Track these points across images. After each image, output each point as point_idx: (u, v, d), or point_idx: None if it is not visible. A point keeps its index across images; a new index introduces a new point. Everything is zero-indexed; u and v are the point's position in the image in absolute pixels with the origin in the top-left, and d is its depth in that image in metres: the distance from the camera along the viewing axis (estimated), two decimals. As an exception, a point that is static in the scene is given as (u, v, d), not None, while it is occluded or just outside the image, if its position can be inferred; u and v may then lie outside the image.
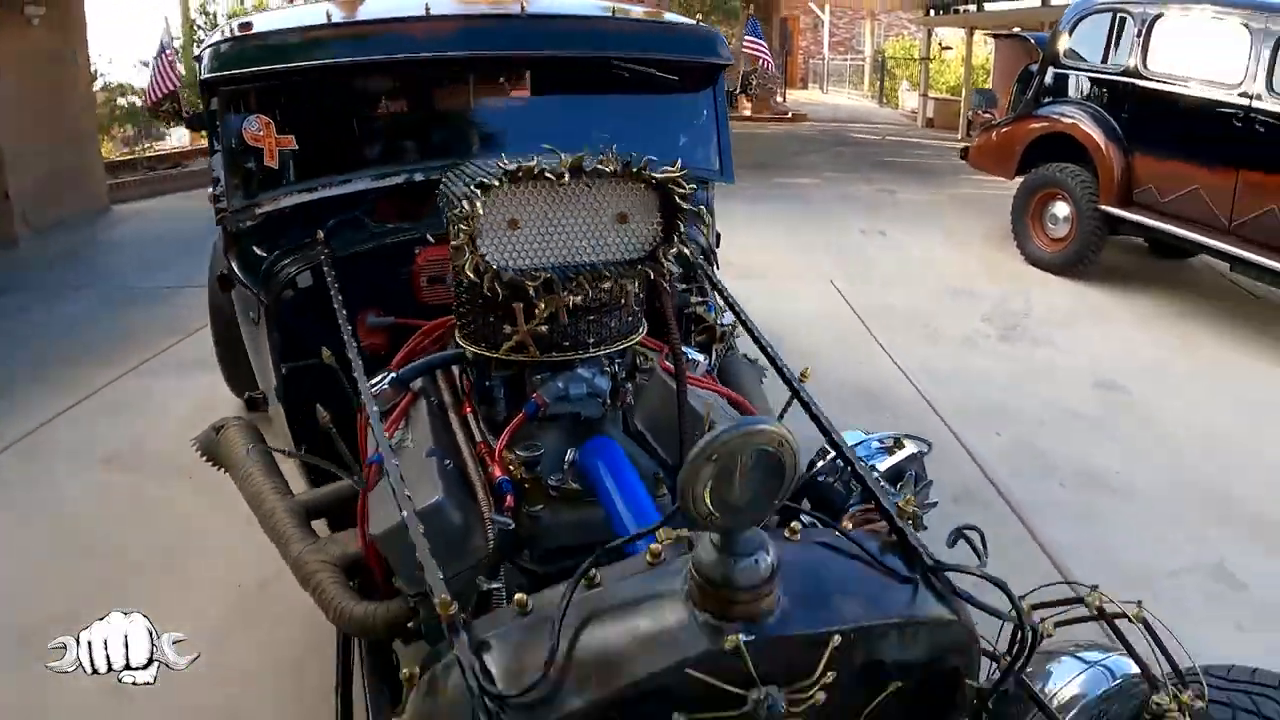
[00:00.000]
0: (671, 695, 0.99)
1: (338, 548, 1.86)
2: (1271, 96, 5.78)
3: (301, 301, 2.45)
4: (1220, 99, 6.06)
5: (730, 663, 0.98)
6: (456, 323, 1.90)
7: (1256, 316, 6.40)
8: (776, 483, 0.98)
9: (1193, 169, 6.32)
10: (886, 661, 1.13)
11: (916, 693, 1.21)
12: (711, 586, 1.01)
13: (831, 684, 1.05)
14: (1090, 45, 7.24)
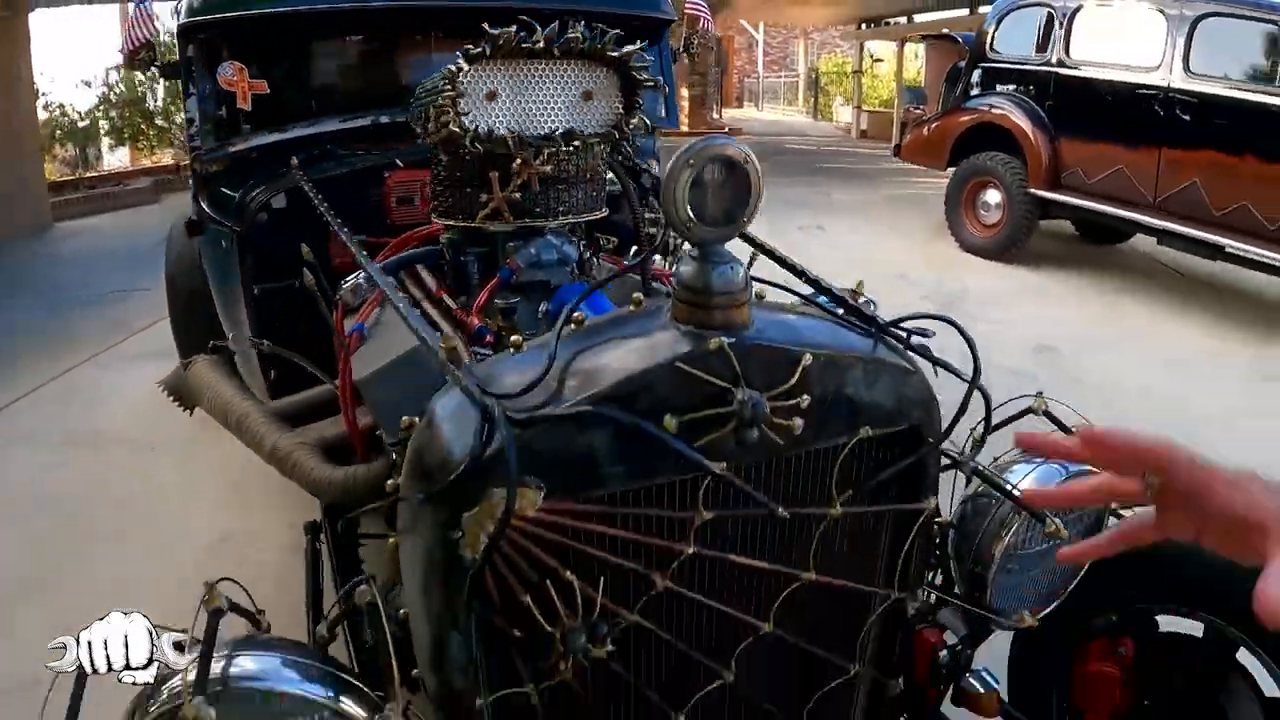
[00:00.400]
0: (661, 396, 1.07)
1: (315, 433, 1.93)
2: (1188, 77, 6.10)
3: (276, 223, 2.52)
4: (1140, 82, 6.37)
5: (715, 367, 1.08)
6: (432, 205, 1.99)
7: (1183, 291, 6.70)
8: (744, 196, 1.09)
9: (1116, 150, 6.63)
10: (854, 398, 1.23)
11: (886, 448, 1.31)
12: (691, 294, 1.10)
13: (808, 414, 1.14)
14: (1015, 40, 7.56)
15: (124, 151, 10.95)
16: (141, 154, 10.85)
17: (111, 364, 5.12)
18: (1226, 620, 1.65)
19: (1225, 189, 5.93)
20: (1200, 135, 6.07)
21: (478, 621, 1.06)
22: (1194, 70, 6.08)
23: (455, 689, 1.09)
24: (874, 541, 1.41)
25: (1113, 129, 6.69)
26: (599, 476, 1.08)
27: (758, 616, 1.26)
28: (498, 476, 0.99)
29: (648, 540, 1.11)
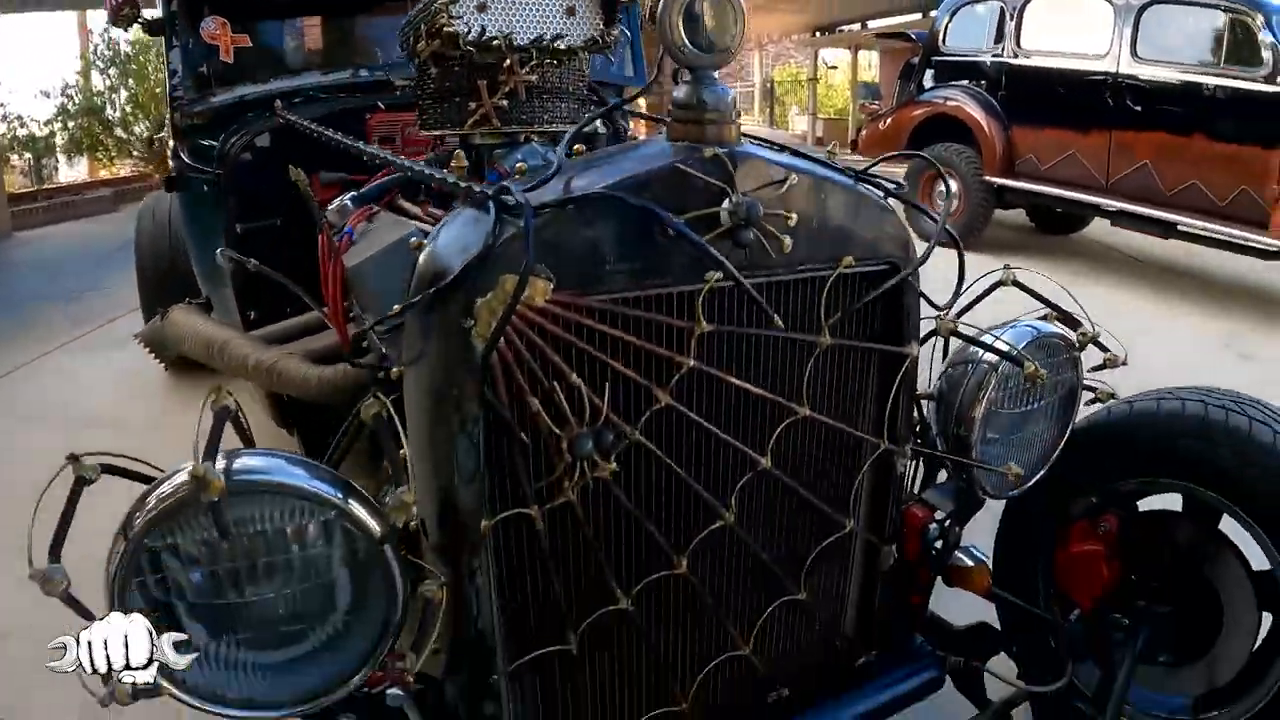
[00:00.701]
0: (661, 197, 1.12)
1: (300, 348, 1.94)
2: (1135, 63, 6.29)
3: (259, 162, 2.55)
4: (1089, 69, 6.55)
5: (711, 172, 1.15)
6: (419, 121, 2.02)
7: (1138, 272, 6.87)
8: (733, 25, 1.14)
9: (1069, 135, 6.79)
10: (838, 224, 1.30)
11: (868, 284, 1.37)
12: (686, 111, 1.17)
13: (797, 231, 1.21)
14: (966, 34, 7.74)
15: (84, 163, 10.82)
16: (100, 165, 10.73)
17: (79, 353, 5.11)
18: (1205, 486, 1.70)
19: (1175, 169, 6.11)
20: (1149, 118, 6.25)
21: (485, 429, 1.08)
22: (1141, 56, 6.28)
23: (461, 508, 1.11)
24: (862, 387, 1.45)
25: (1064, 116, 6.86)
26: (603, 275, 1.12)
27: (755, 453, 1.30)
28: (510, 263, 1.03)
29: (650, 347, 1.14)
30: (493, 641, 1.21)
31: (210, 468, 0.86)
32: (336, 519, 0.99)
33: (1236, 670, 1.79)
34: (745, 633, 1.44)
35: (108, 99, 10.28)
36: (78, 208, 9.30)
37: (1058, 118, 6.93)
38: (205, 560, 0.97)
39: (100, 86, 10.30)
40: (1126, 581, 1.79)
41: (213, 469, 0.86)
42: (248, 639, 1.03)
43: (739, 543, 1.37)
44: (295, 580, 1.00)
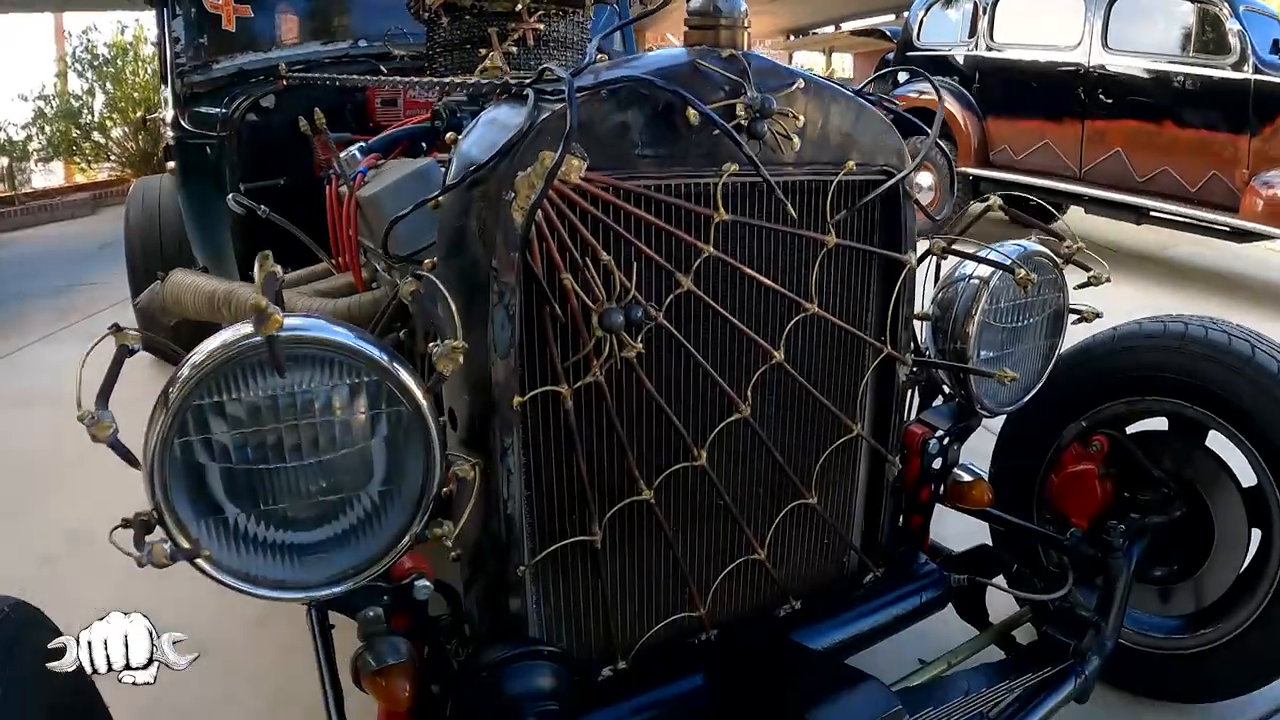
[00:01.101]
0: (683, 88, 1.17)
1: (309, 289, 1.98)
2: (1107, 53, 6.42)
3: (264, 124, 2.60)
4: (1061, 61, 6.68)
5: (728, 69, 1.21)
6: (428, 71, 2.08)
7: (1112, 260, 6.97)
8: None
9: (1042, 125, 6.91)
10: (840, 129, 1.37)
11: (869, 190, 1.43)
12: (701, 18, 1.24)
13: (804, 132, 1.28)
14: (940, 29, 7.88)
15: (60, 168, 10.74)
16: (76, 169, 10.66)
17: (66, 340, 5.09)
18: (1191, 401, 1.77)
19: (1147, 156, 6.23)
20: (1120, 107, 6.37)
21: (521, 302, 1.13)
22: (1112, 46, 6.41)
23: (495, 383, 1.15)
24: (863, 295, 1.52)
25: (1037, 106, 6.98)
26: (631, 160, 1.17)
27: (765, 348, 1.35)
28: (548, 142, 1.08)
29: (674, 231, 1.20)
30: (519, 530, 1.24)
31: (270, 302, 0.89)
32: (381, 381, 1.01)
33: (1226, 587, 1.86)
34: (760, 537, 1.49)
35: (85, 103, 10.21)
36: (56, 211, 9.22)
37: (1031, 109, 7.05)
38: (249, 420, 0.98)
39: (78, 90, 10.22)
40: (1120, 499, 1.86)
41: (272, 304, 0.89)
42: (284, 511, 1.04)
43: (754, 443, 1.43)
44: (336, 447, 1.02)
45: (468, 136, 1.20)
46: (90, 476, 3.20)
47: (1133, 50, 6.31)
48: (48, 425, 3.78)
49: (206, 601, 2.43)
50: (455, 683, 1.27)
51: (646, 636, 1.42)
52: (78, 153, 10.35)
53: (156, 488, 0.96)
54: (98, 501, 2.85)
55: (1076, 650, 1.60)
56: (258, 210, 2.22)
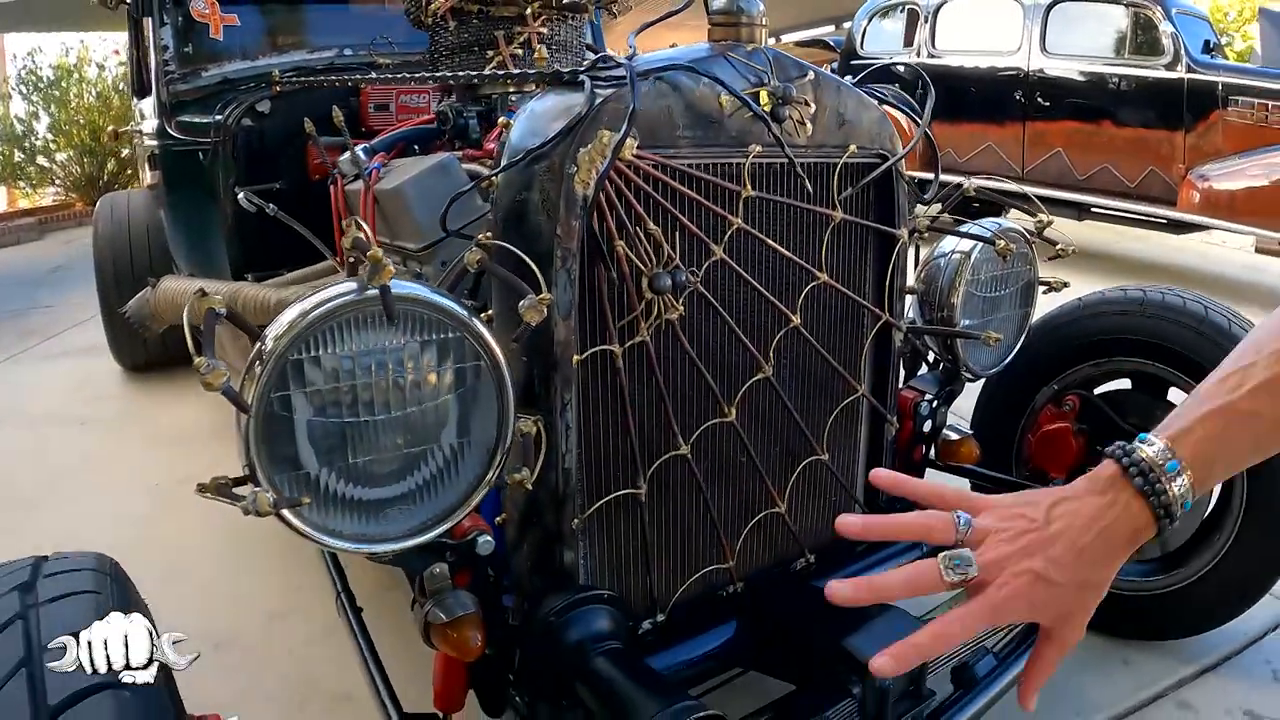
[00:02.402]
0: None
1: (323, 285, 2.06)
2: (1045, 57, 6.71)
3: (259, 129, 2.68)
4: (1002, 66, 6.96)
5: (752, 62, 1.36)
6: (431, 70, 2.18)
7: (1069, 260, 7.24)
8: None
9: (984, 128, 7.18)
10: (844, 116, 1.52)
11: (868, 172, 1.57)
12: (724, 17, 1.38)
13: (816, 119, 1.44)
14: (882, 38, 8.13)
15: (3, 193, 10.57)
16: (20, 195, 10.49)
17: (30, 362, 5.05)
18: (1152, 359, 1.94)
19: (1086, 155, 6.53)
20: (1060, 108, 6.67)
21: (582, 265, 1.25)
22: (1050, 50, 6.70)
23: (557, 342, 1.26)
24: (862, 269, 1.67)
25: (979, 110, 7.24)
26: (674, 139, 1.30)
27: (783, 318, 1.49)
28: (605, 123, 1.21)
29: (708, 204, 1.33)
30: (575, 484, 1.34)
31: (384, 254, 0.99)
32: (463, 337, 1.10)
33: (1189, 534, 2.03)
34: (779, 491, 1.61)
35: (28, 126, 10.07)
36: (2, 237, 9.10)
37: (973, 113, 7.31)
38: (343, 375, 1.05)
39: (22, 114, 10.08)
40: (1093, 452, 2.02)
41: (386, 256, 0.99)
42: (367, 467, 1.10)
43: (772, 404, 1.56)
44: (420, 400, 1.10)
45: (518, 121, 1.31)
46: (61, 498, 3.24)
47: (1070, 54, 6.60)
48: (15, 445, 3.79)
49: (220, 599, 2.52)
50: (516, 635, 1.36)
51: (683, 589, 1.53)
52: (22, 177, 10.20)
53: (253, 442, 1.00)
54: (67, 528, 2.90)
55: None
56: (267, 209, 2.29)
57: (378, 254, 0.97)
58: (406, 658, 1.64)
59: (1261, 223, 5.70)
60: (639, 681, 1.22)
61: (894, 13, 8.05)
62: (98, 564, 1.20)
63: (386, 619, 1.90)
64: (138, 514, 3.05)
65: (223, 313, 1.10)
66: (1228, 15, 11.28)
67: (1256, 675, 2.13)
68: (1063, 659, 0.79)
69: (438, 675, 1.42)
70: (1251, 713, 1.99)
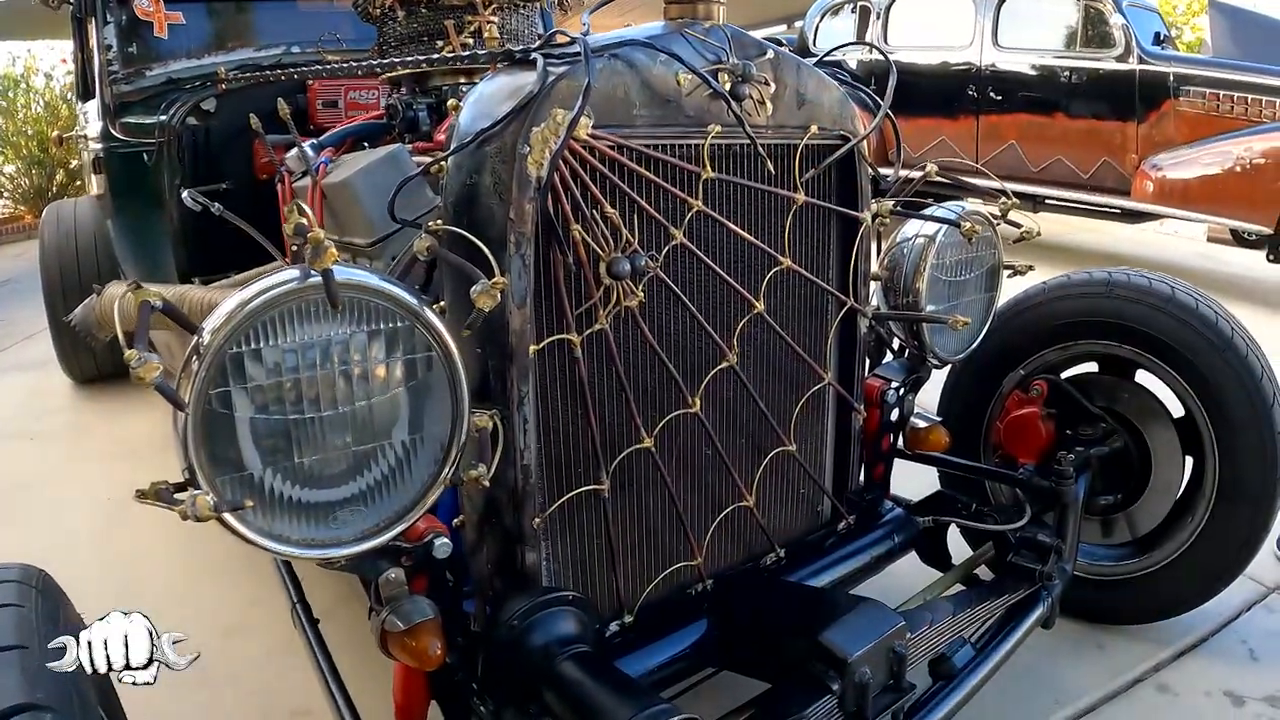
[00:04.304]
0: None
1: None
2: (997, 51, 6.75)
3: (204, 128, 2.61)
4: (954, 60, 6.99)
5: (710, 39, 1.31)
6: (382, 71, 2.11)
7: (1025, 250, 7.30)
8: None
9: (938, 122, 7.18)
10: (805, 95, 1.49)
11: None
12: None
13: (776, 99, 1.39)
14: (835, 36, 8.13)
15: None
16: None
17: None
18: (1119, 341, 1.92)
19: (1040, 147, 6.56)
20: (1013, 101, 6.70)
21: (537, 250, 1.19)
22: (1002, 44, 6.74)
23: (512, 332, 1.20)
24: (825, 253, 1.63)
25: (933, 104, 7.24)
26: (630, 117, 1.25)
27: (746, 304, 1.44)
28: (558, 101, 1.16)
29: (668, 186, 1.28)
30: (535, 480, 1.29)
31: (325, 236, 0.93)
32: (413, 326, 1.05)
33: (1166, 512, 2.02)
34: (748, 485, 1.57)
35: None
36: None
37: (927, 107, 7.31)
38: (286, 368, 0.99)
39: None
40: (1062, 436, 2.00)
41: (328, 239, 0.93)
42: (314, 466, 1.04)
43: (736, 394, 1.51)
44: (368, 394, 1.05)
45: (468, 104, 1.25)
46: (9, 514, 3.14)
47: (1023, 48, 6.63)
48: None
49: (176, 615, 2.42)
50: (479, 641, 1.31)
51: (650, 588, 1.48)
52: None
53: (191, 442, 0.95)
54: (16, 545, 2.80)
55: (1042, 574, 1.71)
56: (212, 208, 2.22)
57: (319, 235, 0.91)
58: (367, 670, 1.57)
59: (1215, 210, 5.75)
60: (609, 685, 1.17)
61: (845, 10, 8.06)
62: (22, 576, 1.12)
63: (346, 631, 1.83)
64: (90, 529, 2.95)
65: (158, 305, 1.04)
66: (1176, 9, 11.43)
67: (1234, 655, 2.12)
68: None
69: (398, 687, 1.36)
70: (1231, 693, 1.98)
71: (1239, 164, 5.57)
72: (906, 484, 2.02)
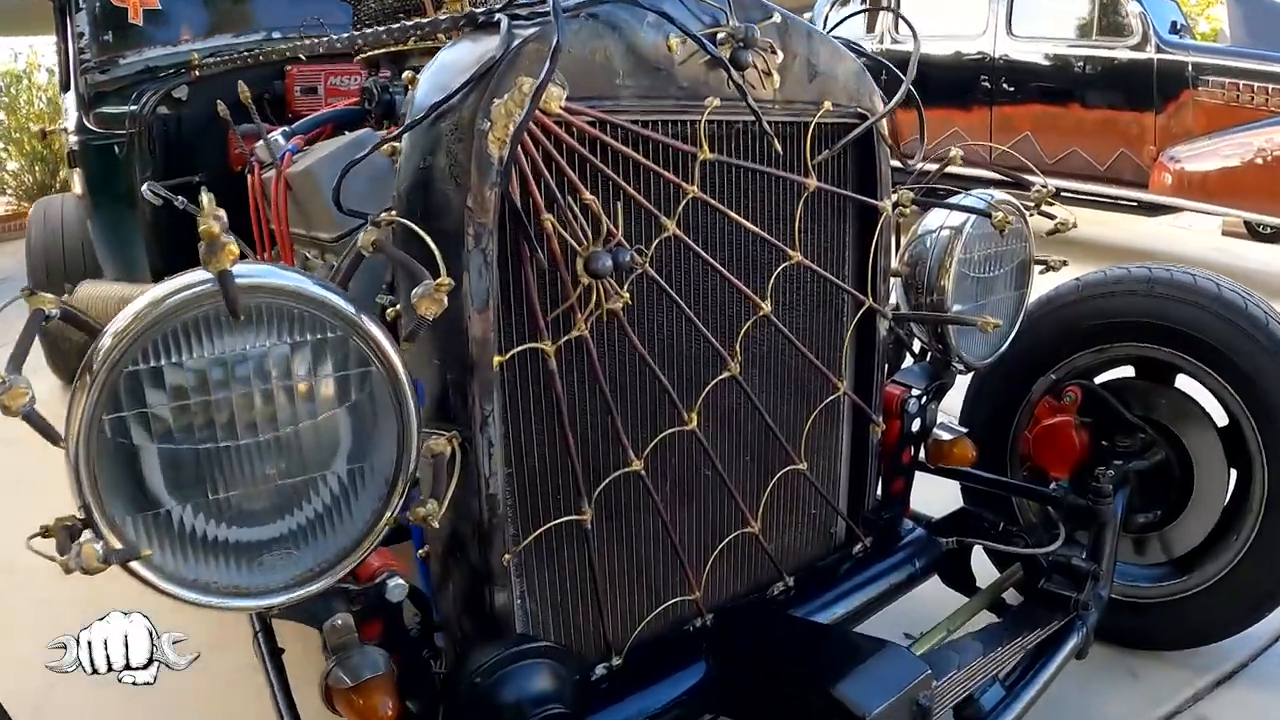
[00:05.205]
0: None
1: None
2: (1011, 39, 6.58)
3: (177, 117, 2.46)
4: (967, 50, 6.82)
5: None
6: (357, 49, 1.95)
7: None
8: None
9: (951, 113, 7.01)
10: (817, 66, 1.31)
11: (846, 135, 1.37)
12: None
13: (784, 70, 1.22)
14: (844, 26, 7.96)
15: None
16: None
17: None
18: (1159, 344, 1.75)
19: (1055, 138, 6.39)
20: (1027, 91, 6.54)
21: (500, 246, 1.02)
22: (1016, 33, 6.57)
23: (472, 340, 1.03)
24: (841, 246, 1.46)
25: (945, 95, 7.06)
26: (612, 88, 1.07)
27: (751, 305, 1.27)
28: (524, 68, 0.97)
29: (658, 170, 1.10)
30: (503, 512, 1.12)
31: (225, 229, 0.75)
32: (347, 337, 0.88)
33: (1208, 531, 1.85)
34: (751, 508, 1.39)
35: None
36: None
37: (939, 98, 7.13)
38: (193, 389, 0.84)
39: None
40: (1098, 448, 1.82)
41: (227, 232, 0.76)
42: (236, 502, 0.90)
43: (740, 407, 1.34)
44: (296, 418, 0.89)
45: (425, 76, 1.08)
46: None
47: (1037, 36, 6.46)
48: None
49: (169, 615, 2.27)
50: (440, 694, 1.14)
51: (641, 626, 1.32)
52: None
53: (84, 477, 0.81)
54: None
55: (1077, 603, 1.54)
56: (175, 201, 2.06)
57: (212, 229, 0.74)
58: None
59: (1235, 203, 5.61)
60: None
61: (849, 2, 7.89)
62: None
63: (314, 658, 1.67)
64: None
65: (54, 313, 0.90)
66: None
67: (1277, 682, 1.95)
68: None
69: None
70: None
71: (1260, 156, 5.43)
72: (925, 493, 1.85)
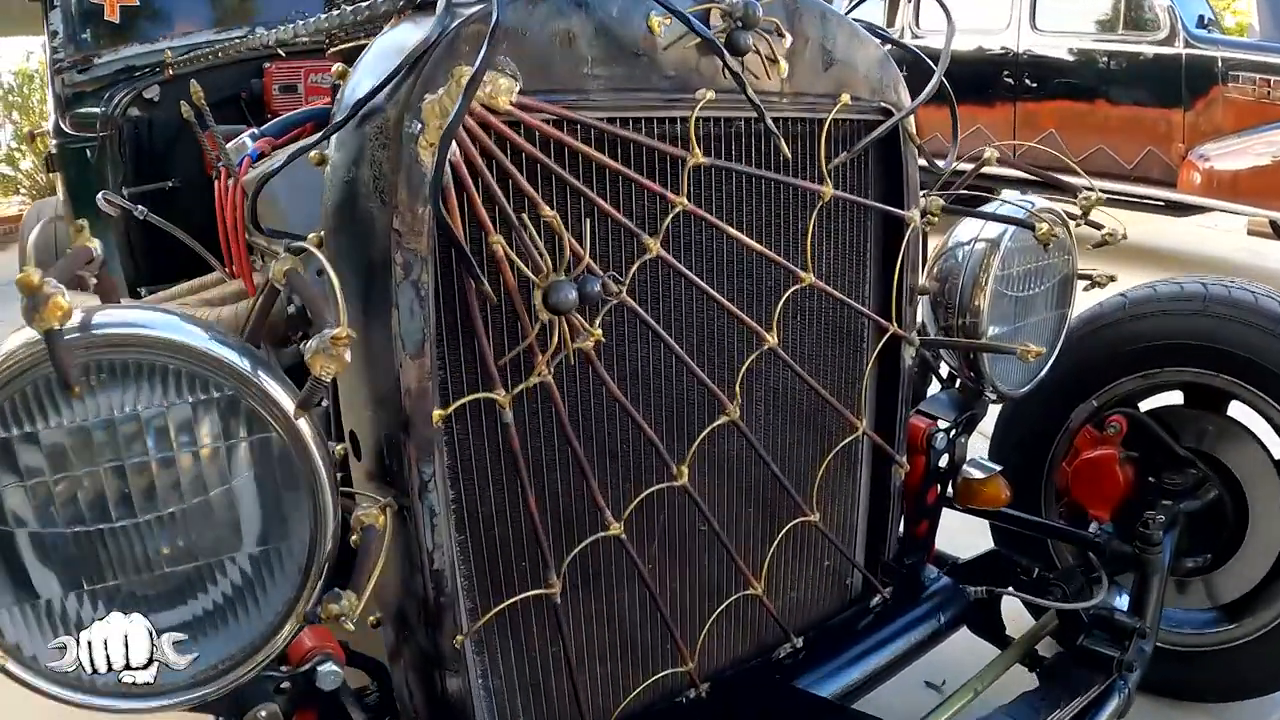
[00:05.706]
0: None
1: (197, 300, 1.74)
2: (1035, 34, 6.41)
3: (149, 119, 2.36)
4: (990, 44, 6.64)
5: None
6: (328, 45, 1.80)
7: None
8: None
9: (973, 110, 6.84)
10: (833, 54, 1.13)
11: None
12: None
13: (792, 57, 1.04)
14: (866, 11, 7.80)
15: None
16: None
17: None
18: (1212, 369, 1.57)
19: (1080, 136, 6.20)
20: (1051, 87, 6.37)
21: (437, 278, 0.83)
22: (1040, 27, 6.40)
23: (405, 392, 0.85)
24: (862, 265, 1.28)
25: (967, 90, 6.88)
26: (579, 78, 0.88)
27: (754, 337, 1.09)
28: (466, 54, 0.79)
29: (637, 178, 0.91)
30: (453, 589, 0.95)
31: (51, 280, 0.59)
32: (238, 397, 0.72)
33: (1264, 572, 1.68)
34: (754, 568, 1.21)
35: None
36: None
37: (961, 93, 6.87)
38: (52, 465, 0.70)
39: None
40: (1143, 485, 1.64)
41: (54, 282, 0.59)
42: (123, 589, 0.78)
43: (742, 453, 1.15)
44: (182, 494, 0.74)
45: (357, 67, 0.90)
46: None
47: (1062, 31, 6.30)
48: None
49: None
50: None
51: (626, 703, 1.14)
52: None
53: None
54: None
55: (1120, 663, 1.36)
56: (134, 211, 1.91)
57: (31, 279, 0.58)
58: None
59: (1266, 203, 5.43)
60: None
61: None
62: None
63: None
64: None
65: None
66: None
67: (1333, 740, 1.78)
68: None
69: None
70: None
71: (1293, 154, 5.25)
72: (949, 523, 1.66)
